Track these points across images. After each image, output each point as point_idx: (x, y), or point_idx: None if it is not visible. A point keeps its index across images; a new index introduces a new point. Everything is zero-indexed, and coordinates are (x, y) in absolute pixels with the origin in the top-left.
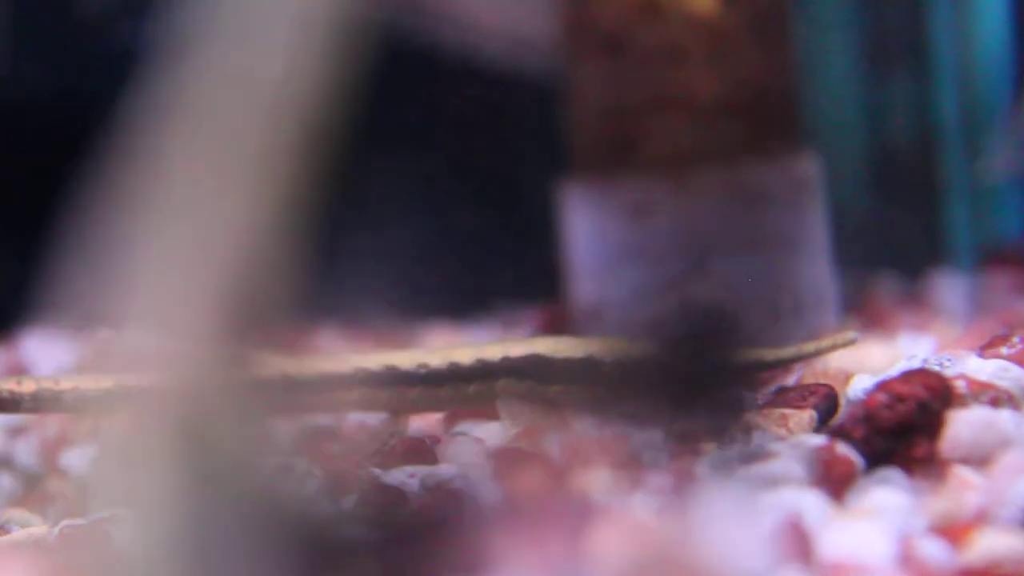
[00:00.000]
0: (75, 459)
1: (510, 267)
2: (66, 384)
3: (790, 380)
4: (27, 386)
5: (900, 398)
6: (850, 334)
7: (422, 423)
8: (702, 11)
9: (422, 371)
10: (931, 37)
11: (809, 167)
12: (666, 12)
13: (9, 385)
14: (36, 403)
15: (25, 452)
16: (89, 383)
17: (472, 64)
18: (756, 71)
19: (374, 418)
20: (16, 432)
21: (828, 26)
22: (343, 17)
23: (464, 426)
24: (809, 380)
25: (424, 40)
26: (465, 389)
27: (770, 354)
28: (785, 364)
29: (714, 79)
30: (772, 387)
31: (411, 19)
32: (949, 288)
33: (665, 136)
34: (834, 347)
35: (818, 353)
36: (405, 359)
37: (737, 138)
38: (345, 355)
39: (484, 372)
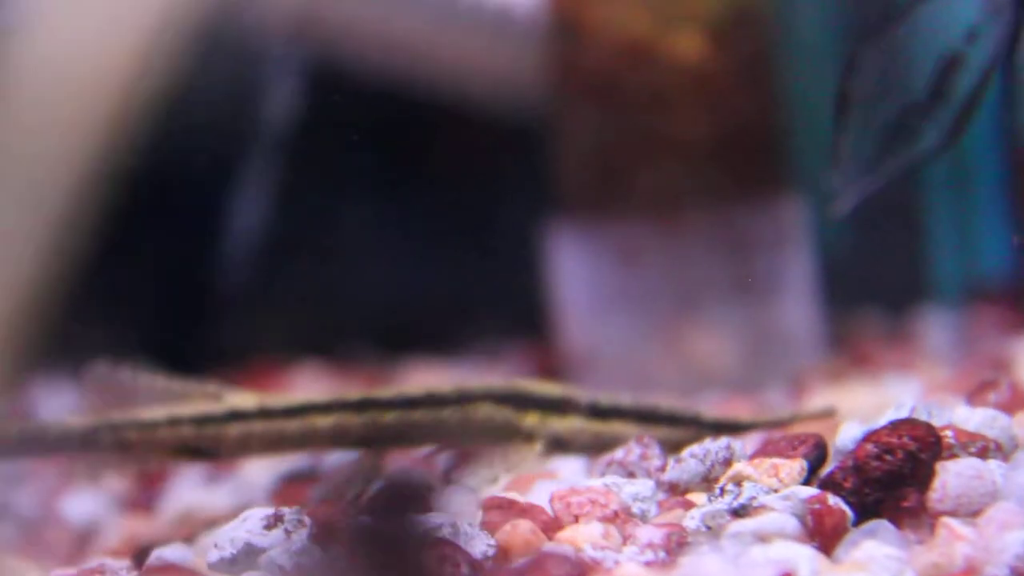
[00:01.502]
0: (74, 506)
1: (495, 305)
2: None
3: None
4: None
5: (889, 449)
6: (829, 407)
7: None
8: (689, 56)
9: (398, 399)
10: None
11: (794, 210)
12: (653, 56)
13: None
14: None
15: (24, 500)
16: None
17: (460, 107)
18: (743, 114)
19: (349, 456)
20: (15, 480)
21: (817, 65)
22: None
23: (454, 474)
24: (797, 428)
25: (413, 83)
26: (439, 413)
27: (746, 421)
28: (760, 429)
29: (701, 123)
30: (758, 434)
31: (399, 63)
32: (934, 325)
33: (652, 179)
34: (811, 418)
35: (794, 421)
36: (384, 391)
37: (725, 181)
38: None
39: (461, 397)
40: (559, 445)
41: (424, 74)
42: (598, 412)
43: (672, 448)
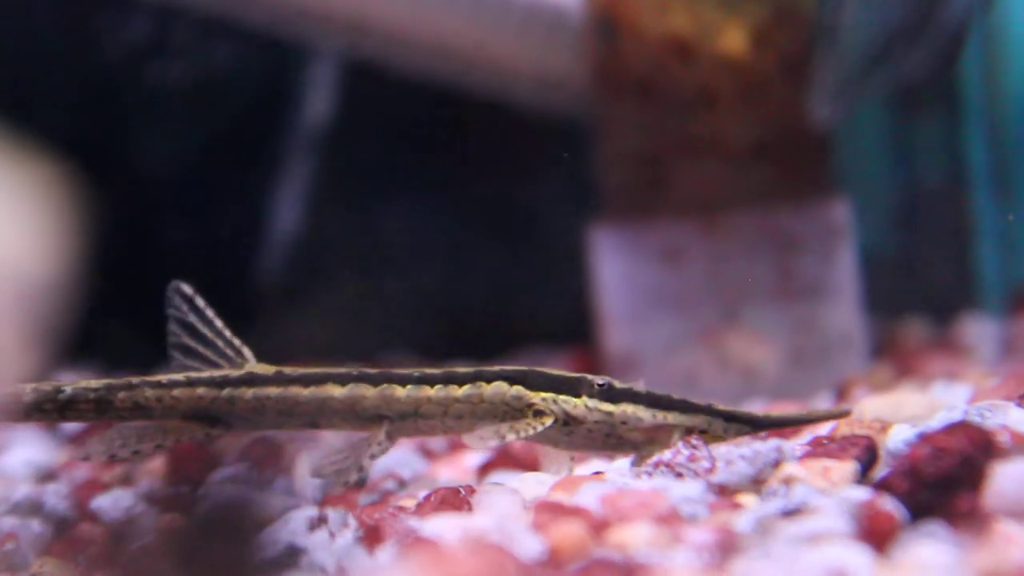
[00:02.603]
0: (107, 503)
1: (539, 310)
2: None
3: (825, 429)
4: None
5: (944, 451)
6: (844, 408)
7: (453, 473)
8: (733, 54)
9: (415, 375)
10: (960, 78)
11: (840, 211)
12: (697, 55)
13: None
14: (36, 395)
15: (55, 497)
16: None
17: (503, 107)
18: (787, 114)
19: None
20: (46, 477)
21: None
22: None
23: (498, 476)
24: (845, 430)
25: (456, 83)
26: (455, 391)
27: (764, 418)
28: (779, 427)
29: (745, 122)
30: (807, 436)
31: (444, 62)
32: (979, 331)
33: (696, 179)
34: (828, 418)
35: (812, 421)
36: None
37: (768, 181)
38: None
39: (476, 376)
40: (569, 423)
41: (468, 74)
42: (610, 395)
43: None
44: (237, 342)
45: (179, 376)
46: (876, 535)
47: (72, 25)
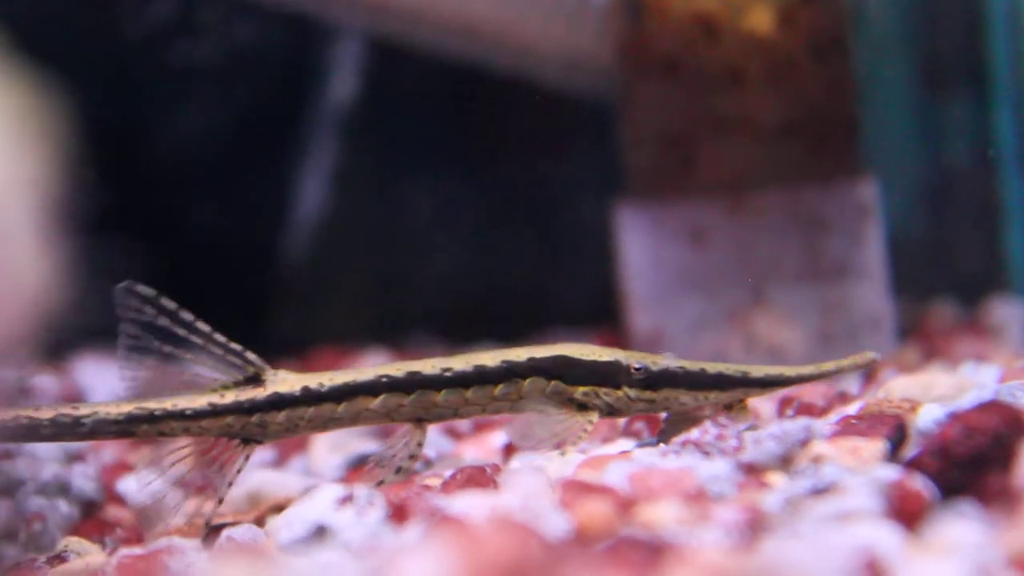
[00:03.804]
0: (132, 485)
1: (564, 291)
2: (84, 410)
3: (853, 408)
4: (45, 413)
5: (975, 430)
6: (870, 355)
7: (479, 452)
8: (760, 32)
9: (446, 374)
10: (989, 59)
11: (868, 191)
12: (723, 34)
13: (28, 412)
14: (55, 429)
15: (82, 478)
16: (110, 409)
17: (528, 87)
18: (814, 93)
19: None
20: (73, 458)
21: (886, 47)
22: None
23: (524, 454)
24: (873, 408)
25: (480, 64)
26: (491, 391)
27: (791, 372)
28: (804, 382)
29: (772, 101)
30: (835, 416)
31: (467, 44)
32: (1007, 313)
33: (722, 159)
34: (855, 367)
35: (839, 372)
36: (428, 366)
37: (795, 161)
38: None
39: (508, 371)
40: (613, 414)
41: (494, 53)
42: (649, 381)
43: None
44: (234, 345)
45: (203, 404)
46: (906, 514)
47: (97, 4)
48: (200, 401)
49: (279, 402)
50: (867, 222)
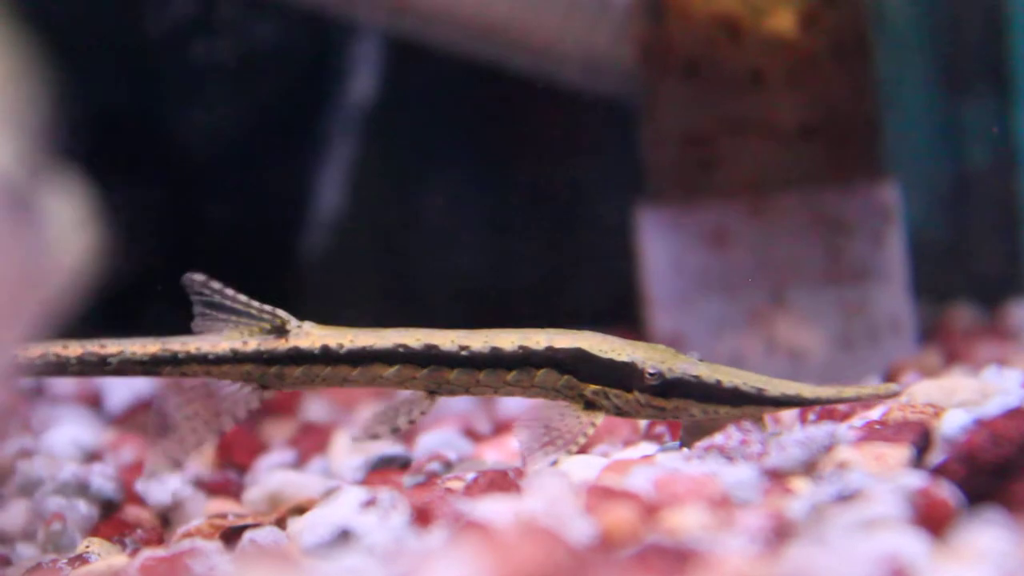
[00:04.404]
0: (154, 485)
1: (584, 292)
2: (112, 348)
3: (876, 413)
4: (73, 350)
5: (1002, 436)
6: (893, 387)
7: (500, 454)
8: (781, 34)
9: (463, 353)
10: (1011, 60)
11: (890, 193)
12: (745, 35)
13: (56, 348)
14: (81, 367)
15: (101, 477)
16: (136, 347)
17: (548, 86)
18: (836, 94)
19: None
20: (92, 457)
21: (906, 49)
22: None
23: (547, 459)
24: (897, 413)
25: (500, 63)
26: (504, 376)
27: (809, 392)
28: (821, 404)
29: (793, 102)
30: (858, 420)
31: (486, 44)
32: None
33: (743, 160)
34: (875, 397)
35: (858, 399)
36: (447, 340)
37: (816, 163)
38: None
39: (525, 360)
40: (620, 415)
41: (514, 53)
42: (663, 389)
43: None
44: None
45: (225, 349)
46: (933, 521)
47: (118, 2)
48: (223, 346)
49: (297, 357)
50: (888, 224)
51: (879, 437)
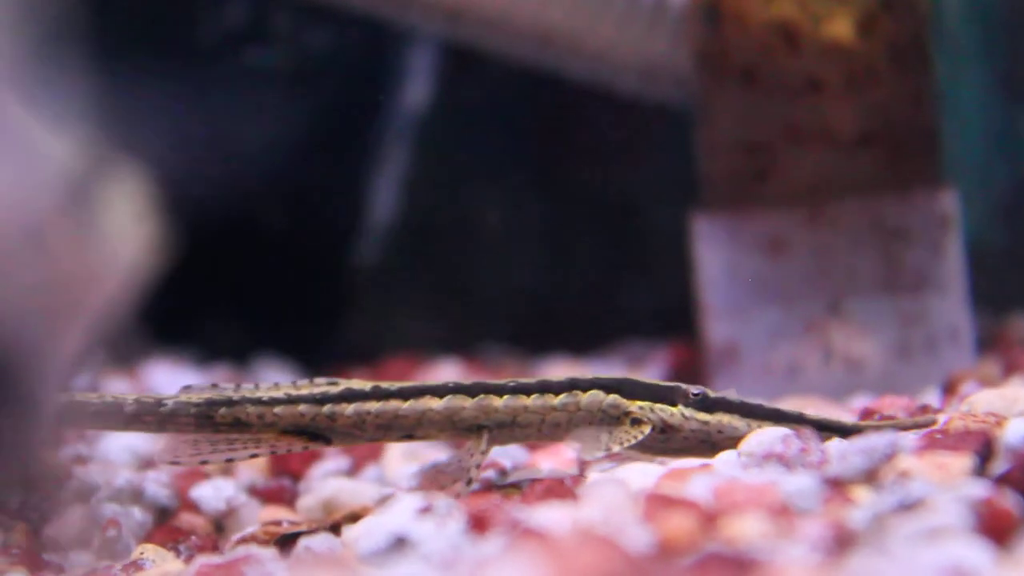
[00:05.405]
0: (208, 493)
1: (639, 301)
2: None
3: (939, 423)
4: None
5: None
6: (931, 417)
7: (555, 462)
8: (839, 41)
9: (510, 383)
10: None
11: (949, 202)
12: (802, 42)
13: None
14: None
15: (155, 484)
16: (191, 396)
17: (604, 94)
18: (894, 102)
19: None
20: (146, 464)
21: (964, 56)
22: None
23: (600, 465)
24: (957, 423)
25: (555, 70)
26: (552, 400)
27: (848, 423)
28: (858, 433)
29: (851, 110)
30: (921, 431)
31: (542, 51)
32: None
33: (800, 168)
34: (915, 426)
35: (900, 429)
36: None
37: (874, 171)
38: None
39: (571, 384)
40: (666, 431)
41: (569, 60)
42: (705, 404)
43: None
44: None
45: (279, 393)
46: (996, 531)
47: (171, 11)
48: (276, 391)
49: (349, 396)
50: (947, 233)
51: (941, 446)
